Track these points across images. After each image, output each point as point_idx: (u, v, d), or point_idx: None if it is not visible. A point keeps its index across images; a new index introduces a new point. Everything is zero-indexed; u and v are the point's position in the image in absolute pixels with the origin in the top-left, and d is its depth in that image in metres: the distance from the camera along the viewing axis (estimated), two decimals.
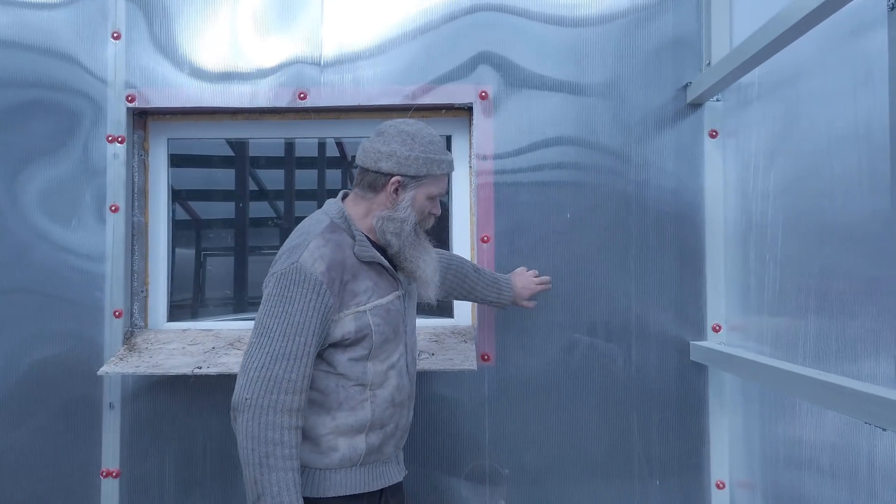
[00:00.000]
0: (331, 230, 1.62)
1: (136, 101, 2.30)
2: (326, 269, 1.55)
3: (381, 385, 1.64)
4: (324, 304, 1.53)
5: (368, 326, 1.60)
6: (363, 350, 1.61)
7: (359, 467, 1.64)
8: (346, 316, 1.58)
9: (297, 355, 1.50)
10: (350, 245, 1.63)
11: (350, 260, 1.61)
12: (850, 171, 1.58)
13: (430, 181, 1.67)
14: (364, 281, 1.62)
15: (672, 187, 2.27)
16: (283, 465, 1.46)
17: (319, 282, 1.53)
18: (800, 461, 1.82)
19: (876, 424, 1.26)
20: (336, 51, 2.32)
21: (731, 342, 2.21)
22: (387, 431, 1.67)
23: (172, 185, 2.48)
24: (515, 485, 2.25)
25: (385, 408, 1.65)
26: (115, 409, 2.26)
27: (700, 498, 2.24)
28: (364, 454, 1.63)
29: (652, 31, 2.29)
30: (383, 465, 1.70)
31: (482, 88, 2.29)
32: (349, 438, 1.61)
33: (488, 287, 2.09)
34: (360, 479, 1.64)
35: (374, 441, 1.64)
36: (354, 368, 1.61)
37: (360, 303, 1.60)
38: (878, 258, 1.47)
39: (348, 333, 1.58)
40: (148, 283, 2.40)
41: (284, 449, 1.47)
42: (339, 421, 1.60)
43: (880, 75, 1.44)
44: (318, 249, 1.56)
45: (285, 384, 1.48)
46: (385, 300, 1.65)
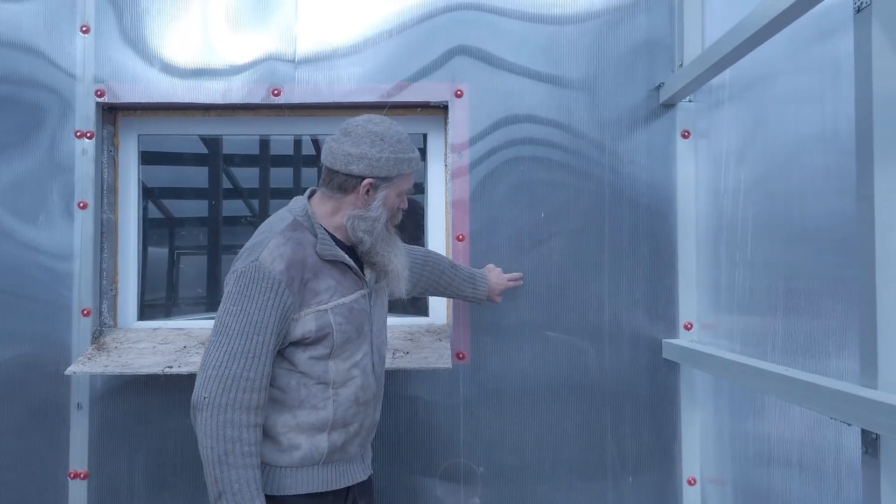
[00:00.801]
0: (292, 228, 1.61)
1: (106, 96, 2.25)
2: (286, 267, 1.54)
3: (345, 384, 1.63)
4: (282, 303, 1.53)
5: (329, 325, 1.59)
6: (324, 349, 1.60)
7: (321, 466, 1.63)
8: (307, 315, 1.57)
9: (255, 354, 1.50)
10: (312, 243, 1.61)
11: (311, 258, 1.59)
12: (817, 172, 1.61)
13: (400, 180, 1.68)
14: (326, 279, 1.61)
15: (645, 187, 2.30)
16: (243, 463, 1.47)
17: (278, 281, 1.52)
18: (769, 457, 1.85)
19: (842, 420, 1.29)
20: (311, 48, 2.30)
21: (702, 340, 2.24)
22: (350, 431, 1.66)
23: (145, 182, 2.44)
24: (490, 484, 2.25)
25: (348, 407, 1.64)
26: (83, 410, 2.22)
27: (672, 494, 2.27)
28: (327, 453, 1.62)
29: (626, 32, 2.31)
30: (347, 464, 1.69)
31: (458, 86, 2.29)
32: (311, 437, 1.60)
33: (465, 282, 2.11)
34: (323, 478, 1.63)
35: (336, 440, 1.64)
36: (316, 367, 1.60)
37: (322, 301, 1.59)
38: (844, 258, 1.50)
39: (309, 332, 1.57)
40: (117, 281, 2.35)
41: (244, 446, 1.47)
42: (300, 419, 1.59)
43: (847, 78, 1.47)
44: (277, 248, 1.55)
45: (243, 382, 1.48)
46: (348, 299, 1.63)
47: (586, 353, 2.27)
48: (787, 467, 1.76)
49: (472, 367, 2.26)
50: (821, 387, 1.35)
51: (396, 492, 2.25)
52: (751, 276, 1.93)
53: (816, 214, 1.62)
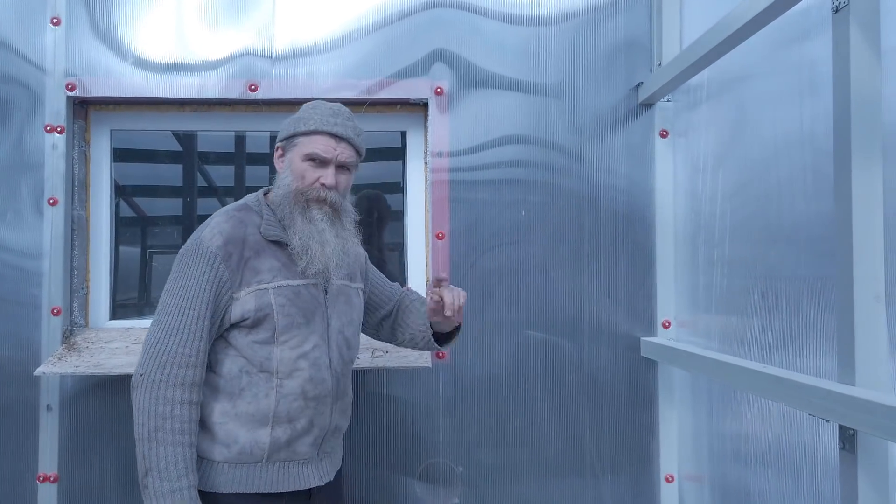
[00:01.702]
0: (237, 209, 1.61)
1: (77, 90, 2.20)
2: (223, 243, 1.52)
3: (290, 375, 1.54)
4: (217, 276, 1.50)
5: (270, 306, 1.52)
6: (266, 332, 1.53)
7: (264, 464, 1.54)
8: (248, 294, 1.52)
9: (190, 329, 1.47)
10: (256, 224, 1.59)
11: (253, 237, 1.56)
12: (795, 173, 1.63)
13: (302, 140, 1.60)
14: (269, 260, 1.56)
15: (624, 186, 2.31)
16: (172, 440, 1.42)
17: (213, 255, 1.51)
18: (746, 454, 1.87)
19: (820, 416, 1.30)
20: (289, 44, 2.27)
21: (680, 338, 2.26)
22: (297, 427, 1.56)
23: (117, 180, 2.39)
24: (469, 483, 2.25)
25: (293, 400, 1.55)
26: (53, 412, 2.16)
27: (650, 492, 2.28)
28: (268, 450, 1.53)
29: (605, 32, 2.32)
30: (298, 466, 1.58)
31: (438, 84, 2.27)
32: (251, 431, 1.52)
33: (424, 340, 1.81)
34: (267, 478, 1.54)
35: (280, 436, 1.54)
36: (259, 352, 1.53)
37: (263, 280, 1.54)
38: (821, 258, 1.52)
39: (248, 312, 1.52)
40: (89, 280, 2.30)
41: (175, 423, 1.43)
42: (239, 409, 1.52)
43: (824, 80, 1.48)
44: (218, 225, 1.55)
45: (178, 358, 1.46)
46: (295, 282, 1.57)
47: (566, 351, 2.28)
48: (764, 464, 1.78)
49: (451, 366, 2.25)
50: (799, 383, 1.37)
51: (375, 492, 2.23)
52: (728, 275, 1.95)
53: (794, 214, 1.64)
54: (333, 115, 1.62)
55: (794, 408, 1.40)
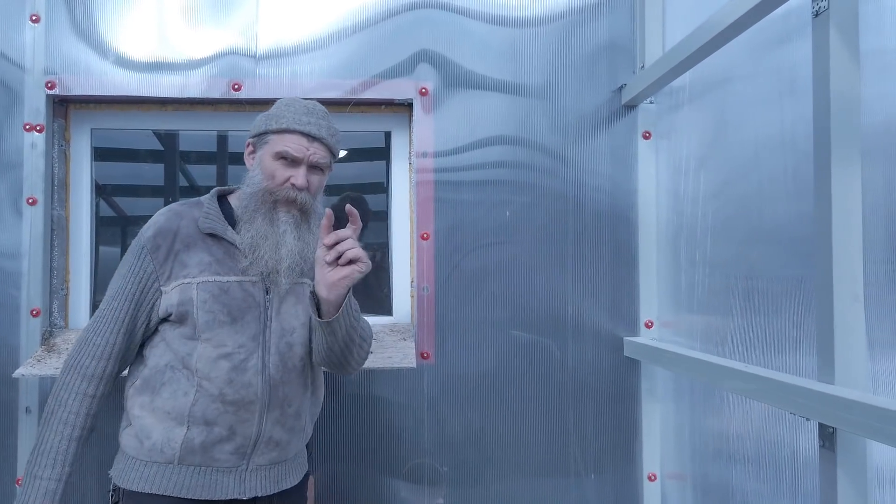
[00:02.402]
0: (182, 203, 1.60)
1: (57, 89, 2.17)
2: (153, 235, 1.53)
3: (209, 375, 1.47)
4: (142, 268, 1.51)
5: (191, 301, 1.47)
6: (189, 328, 1.49)
7: (175, 465, 1.47)
8: (174, 288, 1.50)
9: (107, 320, 1.49)
10: (195, 217, 1.55)
11: (187, 230, 1.53)
12: (775, 175, 1.65)
13: (273, 138, 1.54)
14: (199, 254, 1.51)
15: (607, 187, 2.32)
16: (55, 429, 1.45)
17: (142, 246, 1.52)
18: (728, 452, 1.89)
19: (800, 414, 1.32)
20: (273, 43, 2.26)
21: (662, 338, 2.28)
22: (214, 432, 1.47)
23: (97, 179, 2.36)
24: (454, 483, 2.25)
25: (211, 402, 1.47)
26: (32, 414, 2.13)
27: (632, 490, 2.30)
28: (180, 451, 1.46)
29: (588, 34, 2.34)
30: (216, 474, 1.49)
31: (423, 85, 2.27)
32: (166, 428, 1.47)
33: None
34: (177, 481, 1.47)
35: (194, 438, 1.46)
36: (183, 346, 1.49)
37: (189, 275, 1.49)
38: (802, 259, 1.55)
39: (171, 307, 1.48)
40: (69, 280, 2.27)
41: (64, 412, 1.45)
42: (156, 404, 1.48)
43: (804, 83, 1.51)
44: (155, 218, 1.56)
45: (89, 348, 1.48)
46: (224, 279, 1.50)
47: (549, 351, 2.29)
48: (746, 462, 1.80)
49: (436, 366, 2.25)
50: (780, 382, 1.39)
51: (360, 493, 2.22)
52: (710, 276, 1.97)
53: (774, 215, 1.66)
54: (307, 113, 1.56)
55: (775, 406, 1.41)
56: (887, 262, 1.29)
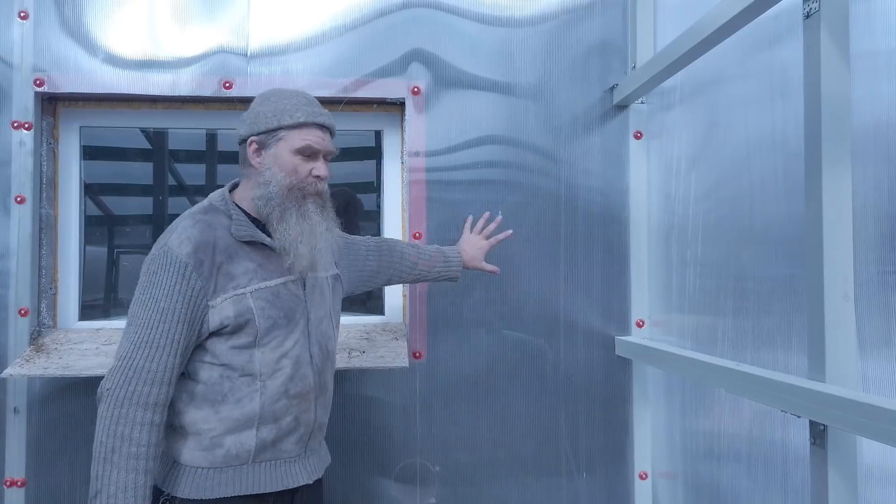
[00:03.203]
0: (204, 211, 1.53)
1: (45, 86, 2.15)
2: (193, 250, 1.45)
3: (272, 375, 1.51)
4: (190, 287, 1.43)
5: (250, 310, 1.48)
6: (248, 337, 1.48)
7: (251, 465, 1.51)
8: (224, 301, 1.46)
9: (159, 344, 1.40)
10: (226, 226, 1.52)
11: (224, 240, 1.50)
12: (766, 175, 1.67)
13: (289, 133, 1.54)
14: (243, 262, 1.50)
15: (599, 187, 2.33)
16: (126, 466, 1.35)
17: (184, 264, 1.43)
18: (718, 451, 1.90)
19: (791, 412, 1.33)
20: (264, 42, 2.25)
21: (654, 337, 2.29)
22: (282, 426, 1.53)
23: (84, 178, 2.34)
24: (446, 483, 2.25)
25: (277, 399, 1.51)
26: (20, 414, 2.11)
27: (624, 489, 2.31)
28: (255, 451, 1.50)
29: (580, 34, 2.34)
30: (286, 465, 1.55)
31: (415, 84, 2.27)
32: (236, 434, 1.49)
33: (433, 260, 1.98)
34: (254, 479, 1.51)
35: (266, 436, 1.51)
36: (239, 357, 1.49)
37: (240, 285, 1.48)
38: (791, 258, 1.56)
39: (227, 319, 1.46)
40: (57, 279, 2.25)
41: (132, 447, 1.36)
42: (223, 414, 1.48)
43: (795, 84, 1.52)
44: (185, 231, 1.47)
45: (144, 374, 1.39)
46: (272, 282, 1.52)
47: (541, 350, 2.29)
48: (736, 460, 1.81)
49: (428, 366, 2.25)
50: (771, 380, 1.40)
51: (352, 492, 2.22)
52: (701, 275, 1.98)
53: (765, 215, 1.67)
54: (310, 104, 1.58)
55: (767, 404, 1.43)
56: (877, 261, 1.31)
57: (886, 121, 1.29)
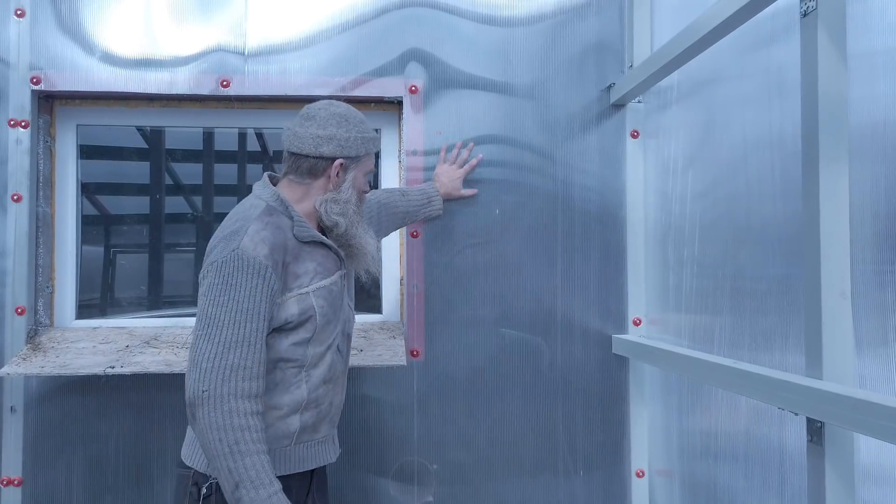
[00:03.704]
0: (268, 213, 1.58)
1: (42, 84, 2.15)
2: (269, 251, 1.51)
3: (317, 365, 1.62)
4: (270, 287, 1.51)
5: (312, 308, 1.58)
6: (306, 333, 1.58)
7: (293, 446, 1.61)
8: (290, 298, 1.56)
9: (250, 341, 1.47)
10: (289, 227, 1.59)
11: (291, 242, 1.58)
12: (763, 174, 1.67)
13: (366, 159, 1.71)
14: (306, 262, 1.60)
15: (596, 186, 2.34)
16: (255, 449, 1.42)
17: (264, 265, 1.50)
18: (715, 449, 1.91)
19: (788, 409, 1.34)
20: (262, 40, 2.25)
21: (650, 335, 2.29)
22: (322, 410, 1.65)
23: (81, 178, 2.33)
24: (444, 481, 2.25)
25: (318, 385, 1.63)
26: (17, 413, 2.10)
27: (621, 487, 2.32)
28: (297, 433, 1.60)
29: (577, 34, 2.35)
30: (319, 445, 1.67)
31: (412, 83, 2.27)
32: (283, 418, 1.58)
33: (418, 201, 2.15)
34: (294, 459, 1.61)
35: (308, 420, 1.62)
36: (296, 352, 1.58)
37: (303, 284, 1.58)
38: (788, 257, 1.56)
39: (292, 316, 1.55)
40: (54, 278, 2.25)
41: (252, 433, 1.43)
42: (272, 401, 1.56)
43: (792, 83, 1.53)
44: (258, 233, 1.52)
45: (242, 371, 1.45)
46: (328, 281, 1.63)
47: (538, 349, 2.30)
48: (733, 458, 1.82)
49: (426, 364, 2.25)
50: (769, 378, 1.40)
51: (350, 491, 2.22)
52: (698, 274, 1.99)
53: (762, 214, 1.68)
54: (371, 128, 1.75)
55: (764, 402, 1.43)
56: (874, 260, 1.31)
57: (883, 120, 1.30)
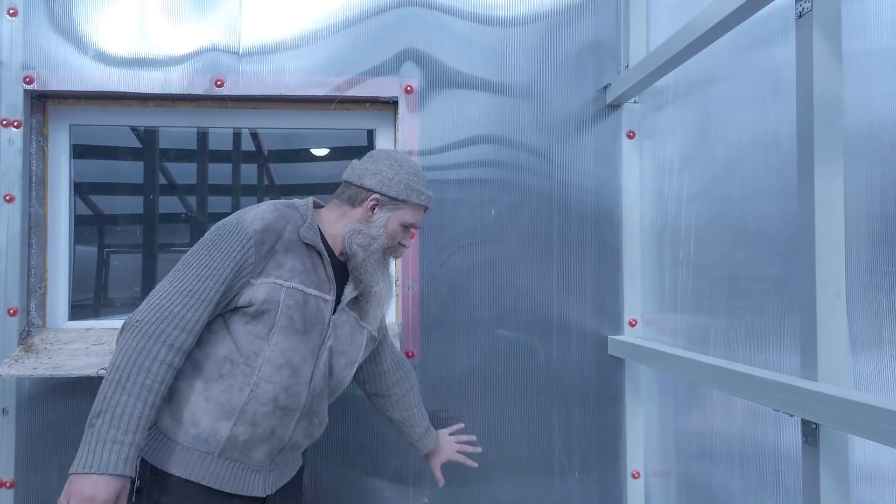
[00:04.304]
0: (285, 205, 1.63)
1: (35, 84, 2.13)
2: (262, 228, 1.54)
3: (269, 378, 1.53)
4: (244, 257, 1.50)
5: (277, 303, 1.53)
6: (265, 327, 1.53)
7: (214, 458, 1.51)
8: (263, 283, 1.53)
9: (200, 296, 1.46)
10: (298, 224, 1.61)
11: (290, 235, 1.58)
12: (759, 175, 1.67)
13: (407, 208, 1.70)
14: (294, 259, 1.57)
15: (592, 186, 2.33)
16: (138, 394, 1.36)
17: (248, 237, 1.52)
18: (711, 450, 1.90)
19: (784, 411, 1.34)
20: (256, 40, 2.24)
21: (646, 336, 2.29)
22: (258, 432, 1.54)
23: (74, 177, 2.32)
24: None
25: (264, 404, 1.53)
26: (9, 415, 2.09)
27: (617, 488, 2.31)
28: (223, 444, 1.51)
29: (573, 34, 2.35)
30: (245, 471, 1.56)
31: (408, 83, 2.27)
32: (214, 420, 1.50)
33: (420, 420, 2.00)
34: (213, 472, 1.51)
35: (239, 434, 1.52)
36: (252, 344, 1.52)
37: (282, 276, 1.55)
38: (784, 258, 1.56)
39: (255, 300, 1.52)
40: (47, 279, 2.23)
41: (147, 378, 1.38)
42: (210, 393, 1.50)
43: (788, 84, 1.52)
44: (262, 213, 1.57)
45: (177, 320, 1.43)
46: (309, 291, 1.58)
47: (534, 350, 2.29)
48: (728, 459, 1.81)
49: (421, 365, 2.25)
50: (764, 379, 1.40)
51: (345, 492, 2.21)
52: (694, 275, 1.99)
53: (757, 215, 1.67)
54: (426, 185, 1.76)
55: (759, 403, 1.43)
56: (868, 261, 1.31)
57: (879, 121, 1.30)
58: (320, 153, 2.49)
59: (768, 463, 1.63)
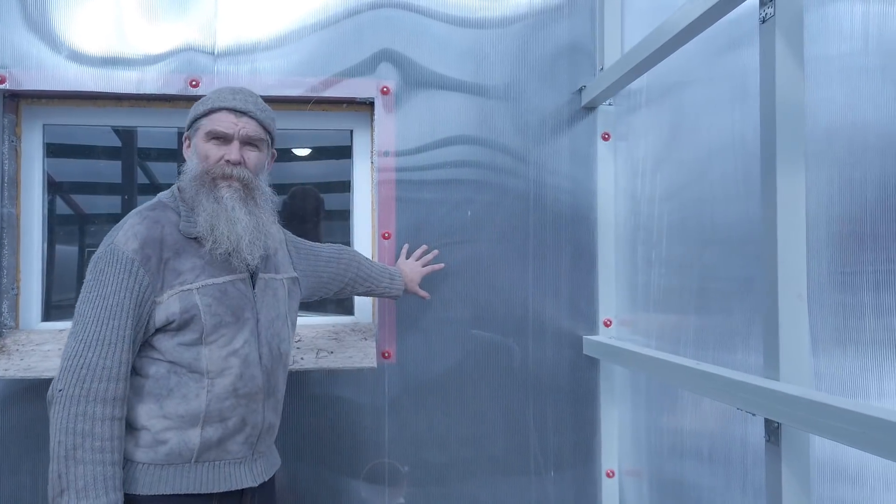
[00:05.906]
0: (152, 208, 1.55)
1: (7, 83, 2.11)
2: (139, 246, 1.46)
3: (221, 373, 1.50)
4: (138, 283, 1.44)
5: (196, 307, 1.48)
6: (193, 333, 1.48)
7: (193, 464, 1.49)
8: (171, 297, 1.47)
9: (111, 340, 1.40)
10: (174, 222, 1.53)
11: (172, 237, 1.51)
12: (727, 177, 1.69)
13: (203, 122, 1.59)
14: (191, 258, 1.51)
15: (567, 187, 2.35)
16: (92, 458, 1.34)
17: (131, 259, 1.44)
18: (682, 449, 1.93)
19: (747, 410, 1.36)
20: (232, 40, 2.23)
21: (620, 336, 2.31)
22: (229, 426, 1.52)
23: (53, 176, 2.30)
24: (415, 483, 2.25)
25: (225, 398, 1.51)
26: None
27: (591, 487, 2.33)
28: (198, 450, 1.49)
29: (549, 36, 2.36)
30: (230, 466, 1.54)
31: (384, 84, 2.27)
32: (181, 431, 1.47)
33: (381, 275, 2.08)
34: (196, 478, 1.49)
35: (211, 435, 1.50)
36: (186, 354, 1.48)
37: (186, 281, 1.49)
38: (750, 259, 1.58)
39: (173, 315, 1.46)
40: (19, 280, 2.21)
41: (95, 441, 1.35)
42: (167, 410, 1.47)
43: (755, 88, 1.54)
44: (132, 228, 1.49)
45: (99, 371, 1.38)
46: (220, 280, 1.52)
47: (510, 350, 2.31)
48: (699, 457, 1.84)
49: (397, 365, 2.25)
50: (728, 379, 1.42)
51: (320, 493, 2.21)
52: (666, 275, 2.01)
53: (726, 216, 1.70)
54: (232, 92, 1.62)
55: (724, 402, 1.45)
56: (830, 262, 1.34)
57: (839, 124, 1.32)
58: (302, 153, 2.49)
59: (737, 461, 1.66)
